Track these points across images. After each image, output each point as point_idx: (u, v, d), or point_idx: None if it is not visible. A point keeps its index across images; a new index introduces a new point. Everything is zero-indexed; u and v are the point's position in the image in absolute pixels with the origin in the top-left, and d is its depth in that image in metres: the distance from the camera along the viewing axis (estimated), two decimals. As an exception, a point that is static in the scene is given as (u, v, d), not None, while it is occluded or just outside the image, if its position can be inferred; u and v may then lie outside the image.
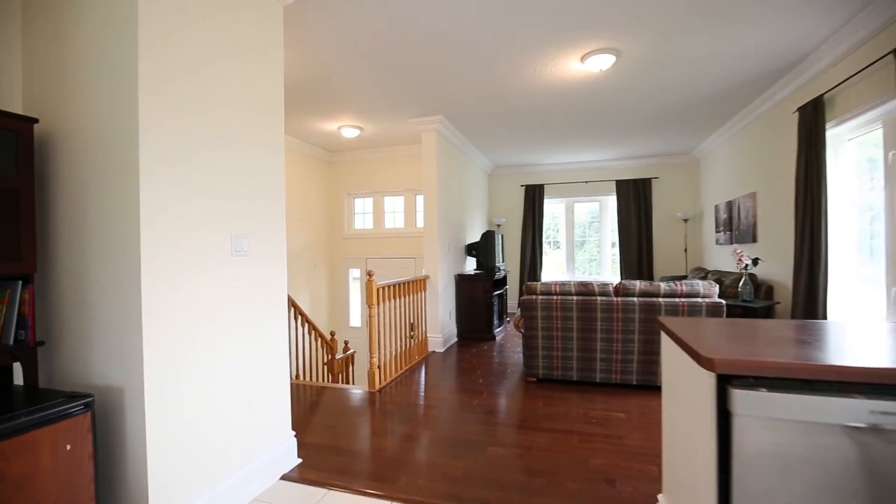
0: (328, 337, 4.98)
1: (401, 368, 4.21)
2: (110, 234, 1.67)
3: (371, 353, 3.69)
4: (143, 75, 1.63)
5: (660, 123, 5.24)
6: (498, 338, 5.62)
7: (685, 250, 7.03)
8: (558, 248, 8.03)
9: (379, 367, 3.79)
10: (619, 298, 3.49)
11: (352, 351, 5.38)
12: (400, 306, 4.27)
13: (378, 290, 3.75)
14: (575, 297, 3.57)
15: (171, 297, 1.72)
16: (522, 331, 3.72)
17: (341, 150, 6.61)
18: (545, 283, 3.72)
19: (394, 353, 4.14)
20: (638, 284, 3.52)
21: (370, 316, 3.68)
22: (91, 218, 1.71)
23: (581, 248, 7.89)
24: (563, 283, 3.69)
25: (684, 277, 6.30)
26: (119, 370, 1.66)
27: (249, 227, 2.16)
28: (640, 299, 3.46)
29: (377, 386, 3.67)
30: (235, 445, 2.03)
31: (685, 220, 7.00)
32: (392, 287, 4.08)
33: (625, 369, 3.50)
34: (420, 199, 6.51)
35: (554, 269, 7.99)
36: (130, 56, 1.62)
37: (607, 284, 3.61)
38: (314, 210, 6.53)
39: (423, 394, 3.56)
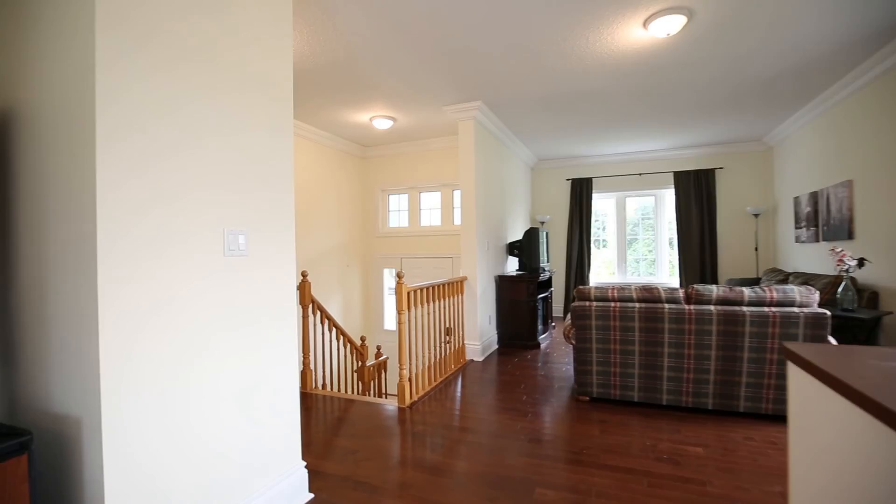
0: (358, 342, 4.66)
1: (435, 380, 3.81)
2: (67, 236, 1.36)
3: (401, 365, 3.32)
4: (102, 50, 1.30)
5: (730, 104, 4.57)
6: (542, 345, 5.12)
7: (756, 249, 6.23)
8: (604, 246, 7.40)
9: (410, 379, 3.42)
10: (692, 306, 2.93)
11: (384, 357, 5.05)
12: (434, 311, 3.87)
13: (409, 293, 3.37)
14: (637, 305, 3.04)
15: (139, 308, 1.39)
16: (573, 342, 3.23)
17: (375, 144, 6.30)
18: (601, 288, 3.21)
19: (427, 363, 3.75)
20: (715, 290, 2.95)
21: (399, 323, 3.31)
22: (49, 214, 1.40)
23: (629, 247, 7.21)
24: (622, 288, 3.16)
25: (757, 280, 5.55)
26: (76, 396, 1.35)
27: (248, 222, 1.82)
28: (718, 308, 2.88)
29: (408, 401, 3.29)
30: (227, 482, 1.69)
31: (755, 216, 6.20)
32: (425, 290, 3.69)
33: (698, 391, 2.94)
34: (457, 194, 6.10)
35: (602, 270, 7.36)
36: (87, 30, 1.30)
37: (676, 290, 3.06)
38: (347, 208, 6.26)
39: (458, 412, 3.14)
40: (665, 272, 6.92)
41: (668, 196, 6.86)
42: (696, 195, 6.49)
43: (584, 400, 3.26)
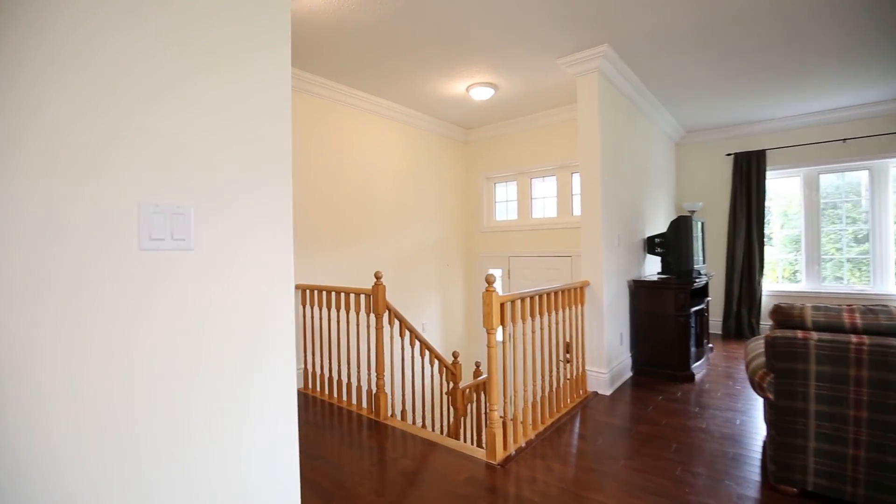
0: (450, 359, 3.86)
1: (543, 422, 2.82)
2: None
3: (491, 404, 2.40)
4: None
5: None
6: (697, 377, 3.74)
7: None
8: (771, 243, 5.49)
9: (505, 423, 2.49)
10: None
11: (484, 376, 4.16)
12: (542, 327, 2.87)
13: (503, 304, 2.44)
14: (910, 342, 1.68)
15: None
16: (771, 396, 1.96)
17: (477, 124, 5.45)
18: (826, 309, 1.89)
19: (532, 398, 2.77)
20: None
21: (489, 346, 2.39)
22: None
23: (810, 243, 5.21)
24: (868, 311, 1.81)
25: None
26: None
27: (195, 193, 1.08)
28: None
29: (500, 455, 2.36)
30: None
31: None
32: (528, 299, 2.71)
33: None
34: (577, 178, 4.95)
35: (776, 273, 5.49)
36: None
37: None
38: (449, 199, 5.52)
39: (573, 487, 2.11)
40: (889, 280, 4.83)
41: (893, 168, 4.78)
42: (948, 164, 4.36)
43: (789, 492, 1.97)
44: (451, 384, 3.75)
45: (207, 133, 1.10)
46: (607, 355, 3.44)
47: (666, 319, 3.73)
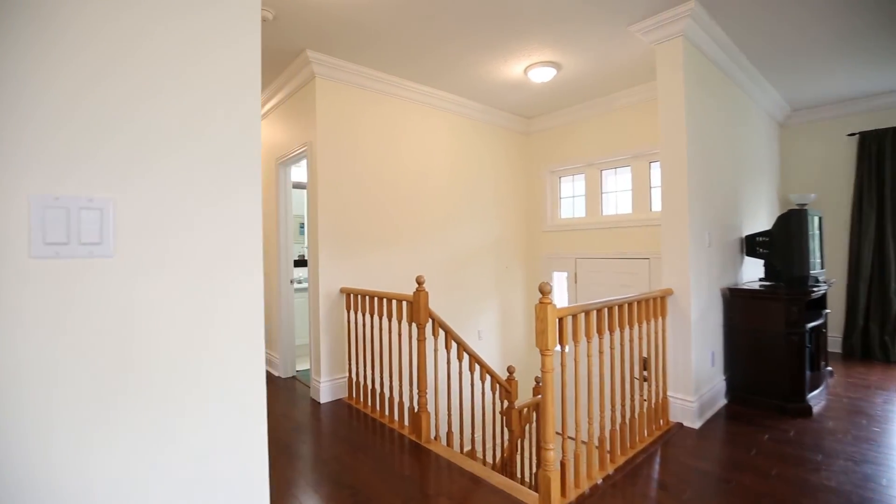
0: (504, 374, 3.45)
1: (613, 460, 2.33)
2: None
3: (545, 443, 1.97)
4: None
5: None
6: (815, 409, 3.00)
7: None
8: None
9: (564, 462, 2.05)
10: None
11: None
12: (613, 345, 2.38)
13: (561, 320, 2.00)
14: None
15: None
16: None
17: (538, 113, 4.96)
18: None
19: (599, 431, 2.30)
20: None
21: (544, 371, 1.97)
22: None
23: None
24: None
25: None
26: None
27: (122, 178, 0.80)
28: None
29: (556, 505, 1.93)
30: None
31: None
32: (595, 312, 2.25)
33: None
34: (656, 168, 4.30)
35: None
36: None
37: None
38: (508, 196, 5.09)
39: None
40: None
41: None
42: None
43: None
44: (506, 403, 3.33)
45: (137, 100, 0.82)
46: (695, 380, 2.84)
47: (773, 337, 3.03)
